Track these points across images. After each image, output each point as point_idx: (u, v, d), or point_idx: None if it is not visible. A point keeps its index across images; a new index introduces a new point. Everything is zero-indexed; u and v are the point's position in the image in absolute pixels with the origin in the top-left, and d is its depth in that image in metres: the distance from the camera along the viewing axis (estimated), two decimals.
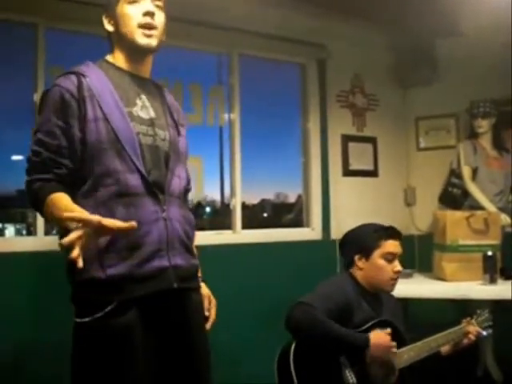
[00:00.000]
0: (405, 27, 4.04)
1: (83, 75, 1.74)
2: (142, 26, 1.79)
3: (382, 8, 3.71)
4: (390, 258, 2.49)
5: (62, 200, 1.64)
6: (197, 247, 1.98)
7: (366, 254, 2.51)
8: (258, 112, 3.97)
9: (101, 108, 1.71)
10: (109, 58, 1.88)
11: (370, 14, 3.88)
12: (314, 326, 2.26)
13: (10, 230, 3.46)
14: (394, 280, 2.51)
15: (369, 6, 3.69)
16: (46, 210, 1.65)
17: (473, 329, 2.51)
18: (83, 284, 1.68)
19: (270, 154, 4.12)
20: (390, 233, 2.53)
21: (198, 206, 3.90)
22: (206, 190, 3.81)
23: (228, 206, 3.82)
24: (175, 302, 1.78)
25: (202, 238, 3.47)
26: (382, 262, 2.48)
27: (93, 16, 3.00)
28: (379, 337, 2.29)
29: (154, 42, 1.81)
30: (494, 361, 3.50)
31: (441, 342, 2.45)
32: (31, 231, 3.17)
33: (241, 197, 3.81)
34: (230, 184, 3.83)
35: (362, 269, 2.51)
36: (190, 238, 1.88)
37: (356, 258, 2.53)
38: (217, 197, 4.09)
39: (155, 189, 1.75)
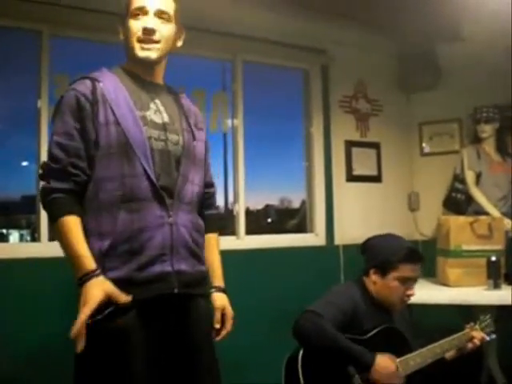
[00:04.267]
0: (407, 32, 4.05)
1: (97, 80, 1.78)
2: (141, 41, 1.83)
3: (385, 13, 3.72)
4: (405, 281, 2.45)
5: (73, 234, 1.67)
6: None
7: (382, 271, 2.46)
8: (262, 118, 3.98)
9: (113, 112, 1.74)
10: (124, 64, 1.91)
11: (373, 20, 3.89)
12: (321, 337, 2.23)
13: (14, 235, 3.47)
14: (406, 302, 2.50)
15: (371, 11, 3.70)
16: (57, 229, 1.70)
17: (477, 334, 2.49)
18: None
19: (273, 159, 4.13)
20: (411, 257, 2.46)
21: None
22: None
23: (232, 211, 3.83)
24: (178, 307, 1.78)
25: None
26: (396, 283, 2.44)
27: (97, 23, 3.06)
28: (385, 361, 2.25)
29: (153, 55, 1.84)
30: (499, 367, 3.49)
31: (445, 348, 2.43)
32: (35, 237, 3.18)
33: (245, 202, 3.82)
34: (234, 190, 3.83)
35: (375, 283, 2.48)
36: (199, 244, 1.88)
37: (372, 271, 2.49)
38: (220, 202, 4.10)
39: (163, 193, 1.75)
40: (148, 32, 1.82)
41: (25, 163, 3.27)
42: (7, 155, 3.15)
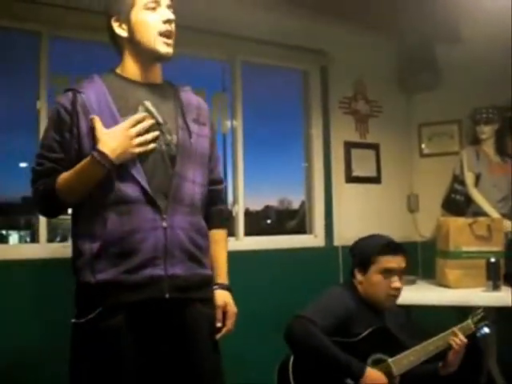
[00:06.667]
0: (407, 33, 4.05)
1: (79, 92, 1.77)
2: (163, 34, 1.79)
3: (384, 14, 3.72)
4: (387, 274, 2.45)
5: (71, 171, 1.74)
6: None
7: (364, 268, 2.50)
8: (261, 119, 3.98)
9: None
10: (117, 68, 1.88)
11: (372, 20, 3.89)
12: (312, 344, 2.24)
13: (14, 237, 3.47)
14: (394, 296, 2.48)
15: (370, 12, 3.70)
16: (61, 188, 1.74)
17: (456, 338, 2.39)
18: (80, 287, 1.75)
19: (273, 160, 4.12)
20: (388, 248, 2.48)
21: None
22: None
23: (231, 212, 3.81)
24: (170, 312, 1.75)
25: None
26: (378, 277, 2.45)
27: (97, 24, 3.03)
28: (375, 374, 2.24)
29: (171, 51, 1.83)
30: (498, 368, 3.49)
31: (439, 344, 2.41)
32: (35, 238, 3.18)
33: (244, 203, 3.81)
34: (233, 190, 3.83)
35: (361, 282, 2.51)
36: (199, 247, 1.84)
37: (356, 271, 2.53)
38: None
39: (155, 196, 1.73)
40: (170, 23, 1.80)
41: (24, 164, 3.26)
42: (7, 156, 3.15)
